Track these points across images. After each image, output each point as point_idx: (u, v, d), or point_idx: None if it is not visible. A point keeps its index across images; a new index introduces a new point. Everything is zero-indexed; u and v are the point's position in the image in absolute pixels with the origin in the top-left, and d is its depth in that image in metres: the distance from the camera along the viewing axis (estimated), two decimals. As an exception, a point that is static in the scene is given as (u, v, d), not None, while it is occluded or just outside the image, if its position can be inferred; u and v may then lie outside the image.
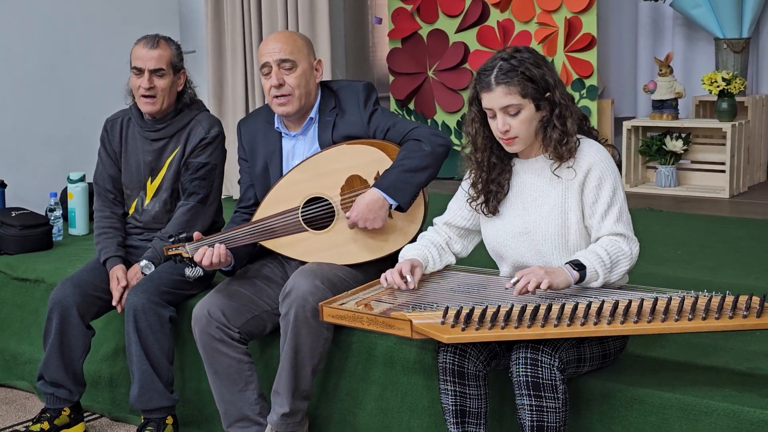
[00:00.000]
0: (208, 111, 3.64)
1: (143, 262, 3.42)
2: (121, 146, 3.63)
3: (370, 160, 3.10)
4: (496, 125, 2.60)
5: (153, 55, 3.45)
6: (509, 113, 2.57)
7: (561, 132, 2.59)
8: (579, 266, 2.52)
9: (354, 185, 3.10)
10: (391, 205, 3.02)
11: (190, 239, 3.09)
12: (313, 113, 3.20)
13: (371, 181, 3.08)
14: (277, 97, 3.13)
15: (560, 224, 2.62)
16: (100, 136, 3.68)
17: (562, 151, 2.60)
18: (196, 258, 3.03)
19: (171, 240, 3.12)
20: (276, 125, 3.25)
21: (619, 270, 2.55)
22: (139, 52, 3.47)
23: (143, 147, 3.57)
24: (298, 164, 3.16)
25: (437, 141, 3.06)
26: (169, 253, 3.10)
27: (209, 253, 3.02)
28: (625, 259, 2.56)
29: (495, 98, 2.57)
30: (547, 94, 2.59)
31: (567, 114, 2.60)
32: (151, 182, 3.58)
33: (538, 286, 2.48)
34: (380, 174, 3.06)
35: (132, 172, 3.61)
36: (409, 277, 2.71)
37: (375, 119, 3.17)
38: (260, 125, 3.31)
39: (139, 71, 3.46)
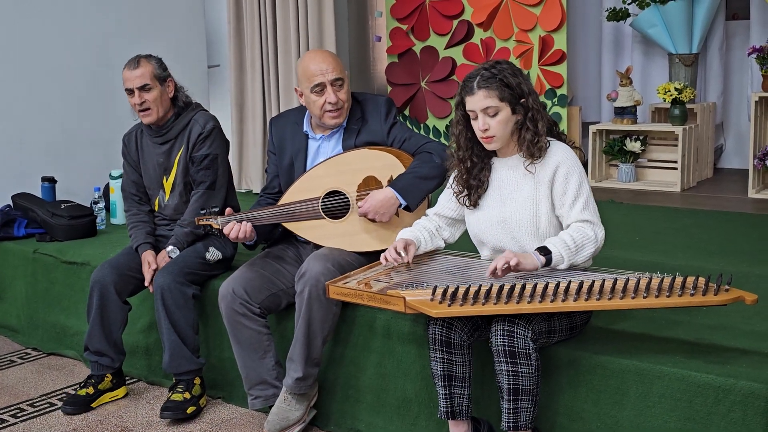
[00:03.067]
0: (205, 110, 3.60)
1: (169, 248, 3.43)
2: (138, 155, 3.62)
3: (386, 164, 3.09)
4: (478, 125, 2.60)
5: (136, 74, 3.43)
6: (488, 114, 2.57)
7: (533, 133, 2.59)
8: (546, 251, 2.52)
9: (369, 184, 3.09)
10: (401, 204, 3.01)
11: (221, 213, 3.08)
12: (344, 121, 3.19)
13: (385, 183, 3.07)
14: (330, 111, 3.10)
15: (532, 214, 2.62)
16: (121, 150, 3.66)
17: (533, 150, 2.60)
18: (225, 230, 3.02)
19: (203, 212, 3.11)
20: (304, 128, 3.23)
21: (585, 252, 2.54)
22: (126, 75, 3.46)
23: (155, 151, 3.56)
24: (323, 161, 3.13)
25: (446, 155, 3.04)
26: (200, 223, 3.08)
27: (237, 227, 3.02)
28: (590, 243, 2.54)
29: (476, 101, 2.57)
30: (522, 100, 2.58)
31: (538, 118, 2.59)
32: (167, 180, 3.57)
33: (507, 265, 2.48)
34: (393, 177, 3.05)
35: (150, 174, 3.60)
36: (403, 253, 2.71)
37: (394, 131, 3.16)
38: (289, 126, 3.27)
39: (130, 91, 3.44)
